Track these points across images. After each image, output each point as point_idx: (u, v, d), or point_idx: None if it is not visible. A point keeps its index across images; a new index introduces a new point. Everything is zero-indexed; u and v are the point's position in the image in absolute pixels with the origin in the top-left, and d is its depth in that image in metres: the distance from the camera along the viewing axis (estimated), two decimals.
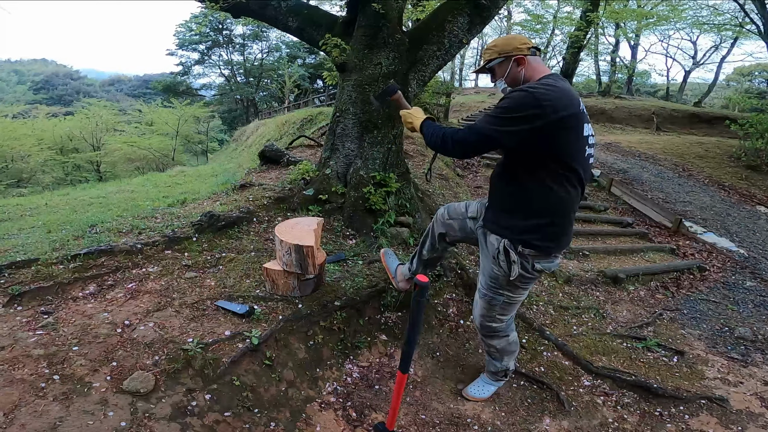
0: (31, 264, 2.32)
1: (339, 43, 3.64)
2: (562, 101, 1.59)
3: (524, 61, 1.75)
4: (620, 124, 15.57)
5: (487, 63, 1.82)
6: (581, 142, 1.66)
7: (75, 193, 7.55)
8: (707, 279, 4.62)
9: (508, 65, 1.77)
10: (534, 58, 1.77)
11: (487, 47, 1.83)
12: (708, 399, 2.41)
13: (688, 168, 9.18)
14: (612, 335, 3.05)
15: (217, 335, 2.01)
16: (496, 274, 1.86)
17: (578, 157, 1.66)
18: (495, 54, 1.79)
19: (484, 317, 2.03)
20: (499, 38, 1.82)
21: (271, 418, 1.83)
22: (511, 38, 1.79)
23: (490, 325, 2.04)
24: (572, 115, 1.61)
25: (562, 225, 1.76)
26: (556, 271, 3.85)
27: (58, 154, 16.73)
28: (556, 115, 1.57)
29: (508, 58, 1.77)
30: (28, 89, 51.44)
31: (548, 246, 1.76)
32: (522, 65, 1.75)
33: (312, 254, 2.28)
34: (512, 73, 1.78)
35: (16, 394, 1.54)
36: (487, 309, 1.99)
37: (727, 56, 20.83)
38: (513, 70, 1.77)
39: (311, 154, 5.67)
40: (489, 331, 2.07)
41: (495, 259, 1.84)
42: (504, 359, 2.18)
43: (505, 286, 1.88)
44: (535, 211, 1.72)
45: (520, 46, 1.76)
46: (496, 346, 2.12)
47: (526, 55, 1.75)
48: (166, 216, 3.27)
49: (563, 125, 1.59)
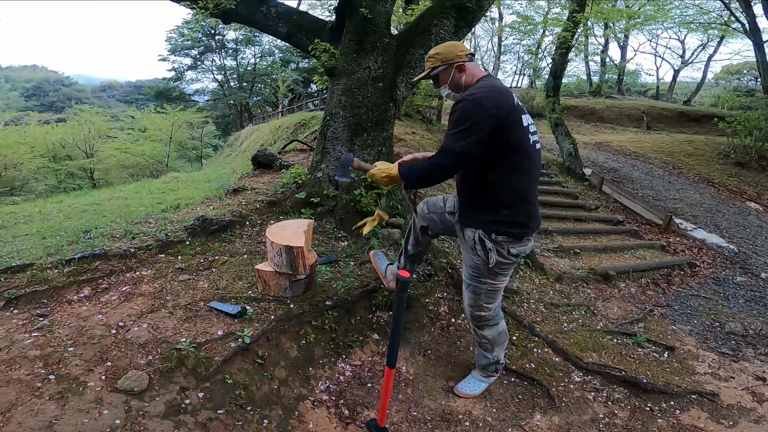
0: (26, 269, 2.34)
1: (328, 48, 3.69)
2: (500, 101, 1.74)
3: (464, 68, 1.87)
4: (611, 123, 15.74)
5: (431, 71, 1.92)
6: (524, 133, 1.80)
7: (68, 200, 7.52)
8: (697, 275, 4.69)
9: (450, 72, 1.89)
10: (471, 64, 1.89)
11: (429, 55, 1.93)
12: (699, 394, 2.44)
13: (678, 166, 9.30)
14: (602, 332, 3.09)
15: (210, 335, 2.04)
16: (477, 264, 1.97)
17: (526, 146, 1.80)
18: (438, 62, 1.89)
19: (472, 307, 2.12)
20: (440, 47, 1.92)
21: (263, 416, 1.85)
22: (452, 46, 1.91)
23: (479, 314, 2.12)
24: (511, 110, 1.75)
25: (527, 210, 1.88)
26: (546, 269, 3.90)
27: (51, 162, 16.64)
28: (501, 115, 1.71)
29: (450, 65, 1.88)
30: (19, 96, 51.05)
31: (519, 232, 1.88)
32: (463, 71, 1.87)
33: (302, 255, 2.32)
34: (455, 79, 1.89)
35: (12, 393, 1.56)
36: (473, 299, 2.08)
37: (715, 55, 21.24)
38: (455, 76, 1.89)
39: (304, 158, 5.70)
40: (479, 321, 2.14)
41: (473, 249, 1.94)
42: (495, 350, 2.23)
43: (486, 274, 1.98)
44: (500, 203, 1.85)
45: (459, 53, 1.87)
46: (487, 336, 2.18)
47: (465, 62, 1.87)
48: (159, 221, 3.29)
49: (507, 122, 1.73)
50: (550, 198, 6.50)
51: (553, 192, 6.82)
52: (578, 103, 16.93)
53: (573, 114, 15.65)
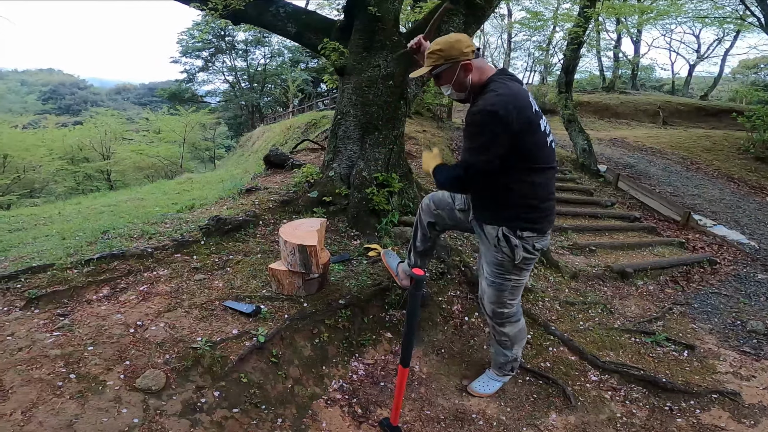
0: (47, 269, 2.39)
1: (337, 47, 3.69)
2: (519, 110, 1.64)
3: (470, 67, 1.71)
4: (625, 119, 15.46)
5: (433, 68, 1.76)
6: (543, 137, 1.76)
7: (87, 201, 7.71)
8: (718, 272, 4.57)
9: (455, 71, 1.73)
10: (478, 60, 1.74)
11: (430, 51, 1.74)
12: (720, 393, 2.38)
13: (696, 161, 9.09)
14: (620, 330, 3.04)
15: (225, 334, 2.06)
16: (501, 261, 1.93)
17: (543, 150, 1.77)
18: (441, 60, 1.73)
19: (495, 304, 2.07)
20: (441, 41, 1.73)
21: (277, 415, 1.86)
22: (456, 41, 1.71)
23: (502, 311, 2.08)
24: (530, 120, 1.68)
25: (548, 206, 1.88)
26: (561, 267, 3.85)
27: (69, 164, 17.01)
28: (521, 127, 1.64)
29: (455, 64, 1.72)
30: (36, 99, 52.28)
31: (542, 226, 1.88)
32: (469, 71, 1.72)
33: (315, 254, 2.33)
34: (459, 79, 1.74)
35: (34, 392, 1.59)
36: (497, 296, 2.04)
37: (731, 49, 20.73)
38: (460, 76, 1.73)
39: (315, 157, 5.72)
40: (501, 318, 2.11)
41: (497, 246, 1.90)
42: (514, 348, 2.21)
43: (511, 270, 1.95)
44: (523, 201, 1.83)
45: (465, 50, 1.69)
46: (508, 333, 2.15)
47: (471, 60, 1.71)
48: (175, 221, 3.34)
49: (527, 132, 1.68)
50: (565, 195, 6.41)
51: (568, 189, 6.73)
52: (591, 98, 16.67)
53: (586, 110, 15.41)
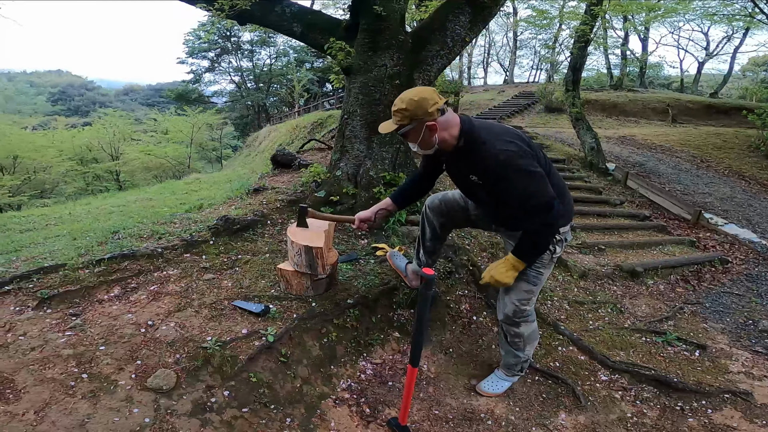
0: (59, 269, 2.41)
1: (343, 46, 3.69)
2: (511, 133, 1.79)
3: (436, 128, 1.73)
4: (634, 117, 15.31)
5: (399, 128, 1.77)
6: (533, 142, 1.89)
7: (96, 202, 7.79)
8: (730, 271, 4.52)
9: (420, 131, 1.75)
10: (444, 117, 1.75)
11: (396, 108, 1.75)
12: (732, 393, 2.36)
13: (707, 159, 8.98)
14: (630, 330, 3.01)
15: (235, 334, 2.06)
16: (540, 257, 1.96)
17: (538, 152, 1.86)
18: (406, 120, 1.73)
19: (520, 302, 2.05)
20: (407, 97, 1.72)
21: (286, 414, 1.87)
22: (421, 100, 1.70)
23: (525, 308, 2.07)
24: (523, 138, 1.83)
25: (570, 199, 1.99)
26: (570, 266, 3.82)
27: (79, 165, 17.22)
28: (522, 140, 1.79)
29: (420, 124, 1.73)
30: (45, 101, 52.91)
31: (570, 218, 1.98)
32: (434, 131, 1.73)
33: (321, 255, 2.32)
34: (425, 138, 1.76)
35: (46, 392, 1.61)
36: (527, 290, 2.03)
37: (740, 47, 20.55)
38: (425, 135, 1.75)
39: (322, 156, 5.73)
40: (521, 316, 2.08)
41: None
42: (527, 348, 2.20)
43: (547, 264, 2.01)
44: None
45: (430, 110, 1.70)
46: (522, 333, 2.14)
47: (437, 119, 1.72)
48: (184, 221, 3.36)
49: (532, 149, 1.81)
50: (573, 193, 6.29)
51: (576, 187, 6.67)
52: (599, 96, 16.52)
53: (594, 108, 15.28)
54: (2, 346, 1.81)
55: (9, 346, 1.81)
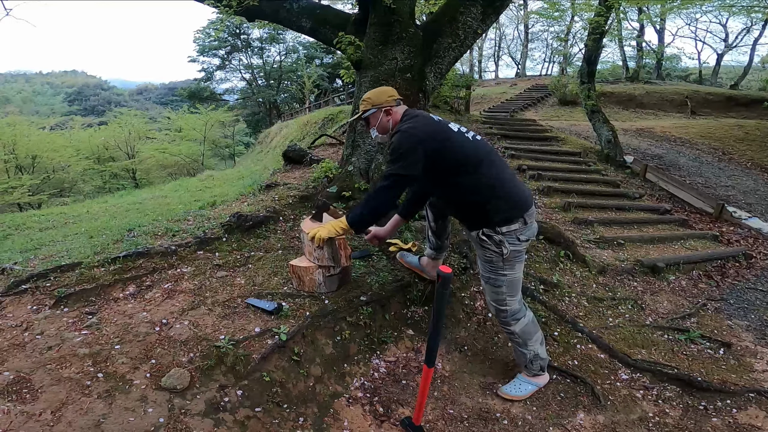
0: (75, 268, 2.44)
1: (353, 40, 3.66)
2: (426, 125, 1.98)
3: (391, 111, 2.10)
4: (651, 109, 14.98)
5: (362, 113, 2.15)
6: (459, 136, 1.99)
7: (113, 200, 7.94)
8: (754, 266, 4.37)
9: (379, 115, 2.12)
10: (397, 108, 2.12)
11: (362, 99, 2.16)
12: (757, 392, 2.29)
13: (728, 151, 8.71)
14: (651, 327, 2.94)
15: (248, 332, 2.06)
16: (490, 258, 2.02)
17: (468, 146, 1.98)
18: (369, 105, 2.12)
19: (495, 303, 2.11)
20: (371, 92, 2.15)
21: (299, 414, 1.86)
22: (381, 92, 2.13)
23: (504, 309, 2.10)
24: (436, 128, 1.98)
25: (511, 195, 1.98)
26: (588, 261, 3.73)
27: (96, 164, 17.60)
28: (429, 136, 1.93)
29: (379, 110, 2.11)
30: (62, 101, 54.15)
31: (517, 214, 1.96)
32: (390, 115, 2.11)
33: (344, 246, 2.35)
34: (382, 122, 2.12)
35: (63, 392, 1.62)
36: (495, 292, 2.08)
37: (760, 38, 19.97)
38: (383, 119, 2.12)
39: (333, 152, 5.72)
40: (504, 316, 2.11)
41: (482, 247, 2.02)
42: (528, 344, 2.15)
43: (503, 266, 2.02)
44: (484, 199, 1.96)
45: (388, 99, 2.10)
46: (515, 331, 2.12)
47: (393, 106, 2.11)
48: (197, 218, 3.38)
49: (437, 139, 1.94)
50: (589, 187, 6.22)
51: (592, 180, 6.53)
52: (615, 89, 16.19)
53: (610, 101, 14.97)
54: (20, 346, 1.83)
55: (26, 345, 1.84)
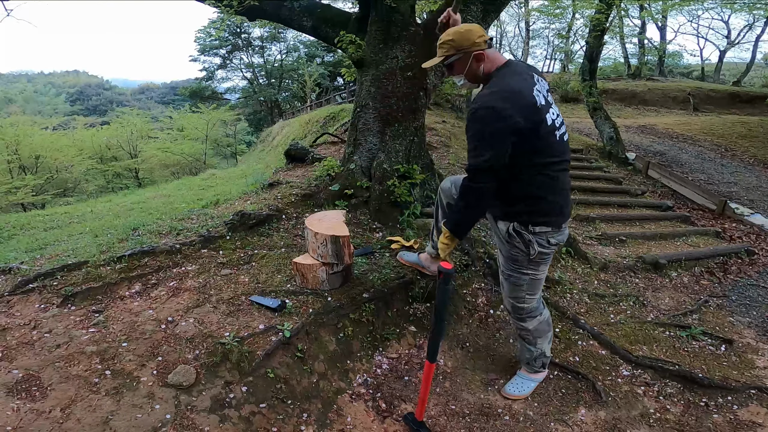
0: (81, 266, 2.46)
1: (354, 39, 3.67)
2: (520, 104, 1.62)
3: (483, 57, 1.70)
4: (654, 106, 14.93)
5: (444, 58, 1.75)
6: (549, 130, 1.70)
7: (117, 199, 7.97)
8: (756, 263, 4.35)
9: (467, 61, 1.72)
10: (491, 51, 1.73)
11: (442, 41, 1.73)
12: (758, 389, 2.29)
13: (731, 148, 8.67)
14: (653, 324, 2.93)
15: (252, 329, 2.08)
16: (515, 255, 1.90)
17: (551, 142, 1.72)
18: (452, 50, 1.72)
19: (513, 299, 2.04)
20: (452, 31, 1.72)
21: (303, 410, 1.88)
22: (468, 32, 1.69)
23: (521, 306, 2.04)
24: (532, 113, 1.64)
25: (560, 201, 1.82)
26: (590, 258, 3.74)
27: (99, 163, 17.63)
28: (521, 121, 1.61)
29: (467, 54, 1.71)
30: (64, 101, 54.32)
31: (555, 220, 1.83)
32: (481, 61, 1.71)
33: (348, 243, 2.37)
34: (472, 69, 1.74)
35: (72, 389, 1.64)
36: (514, 290, 2.00)
37: (763, 35, 19.84)
38: (473, 66, 1.72)
39: (335, 150, 5.73)
40: (521, 313, 2.06)
41: (509, 242, 1.88)
42: (538, 342, 2.14)
43: (527, 265, 1.91)
44: (534, 196, 1.79)
45: (477, 40, 1.69)
46: (529, 328, 2.09)
47: (484, 50, 1.70)
48: (201, 217, 3.40)
49: (529, 127, 1.63)
50: (591, 184, 6.22)
51: (594, 177, 6.52)
52: (617, 86, 16.14)
53: (612, 98, 14.93)
54: (28, 344, 1.86)
55: (35, 344, 1.86)
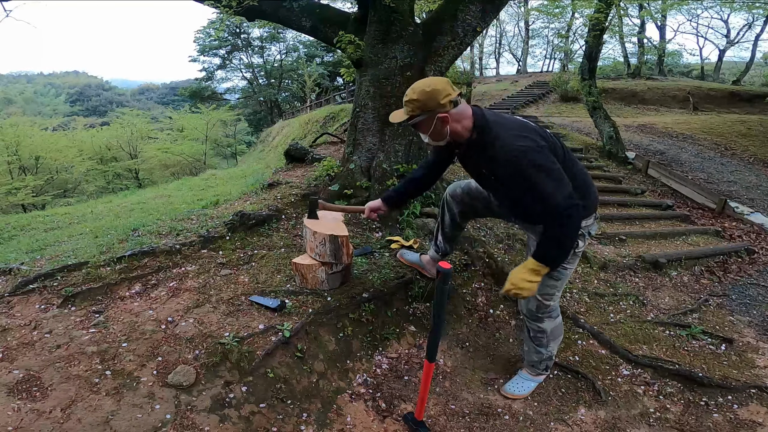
0: (82, 267, 2.47)
1: (353, 39, 3.67)
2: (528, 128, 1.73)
3: (448, 120, 1.67)
4: (653, 105, 14.92)
5: (410, 119, 1.74)
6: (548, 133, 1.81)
7: (117, 200, 7.96)
8: (756, 262, 4.35)
9: (432, 122, 1.69)
10: (457, 109, 1.68)
11: (408, 98, 1.71)
12: (758, 388, 2.29)
13: (731, 147, 8.66)
14: (653, 323, 2.93)
15: (252, 329, 2.08)
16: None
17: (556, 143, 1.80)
18: (417, 110, 1.69)
19: (543, 296, 2.00)
20: (419, 88, 1.68)
21: (303, 409, 1.88)
22: (434, 91, 1.64)
23: (548, 303, 2.03)
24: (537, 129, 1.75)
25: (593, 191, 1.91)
26: (590, 257, 3.74)
27: (99, 164, 17.64)
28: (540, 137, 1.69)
29: (431, 116, 1.68)
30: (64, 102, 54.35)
31: (593, 211, 1.90)
32: (446, 123, 1.68)
33: (347, 243, 2.37)
34: (437, 130, 1.71)
35: (72, 389, 1.65)
36: (549, 285, 1.97)
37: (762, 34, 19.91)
38: (437, 127, 1.69)
39: (335, 150, 5.73)
40: (544, 311, 2.05)
41: None
42: (551, 344, 2.15)
43: (570, 259, 1.92)
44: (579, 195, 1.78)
45: (443, 101, 1.64)
46: (546, 329, 2.10)
47: (449, 111, 1.66)
48: (200, 217, 3.40)
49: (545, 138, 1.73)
50: None
51: (594, 176, 6.50)
52: (616, 85, 16.13)
53: (612, 97, 14.92)
54: (29, 344, 1.86)
55: (35, 344, 1.87)
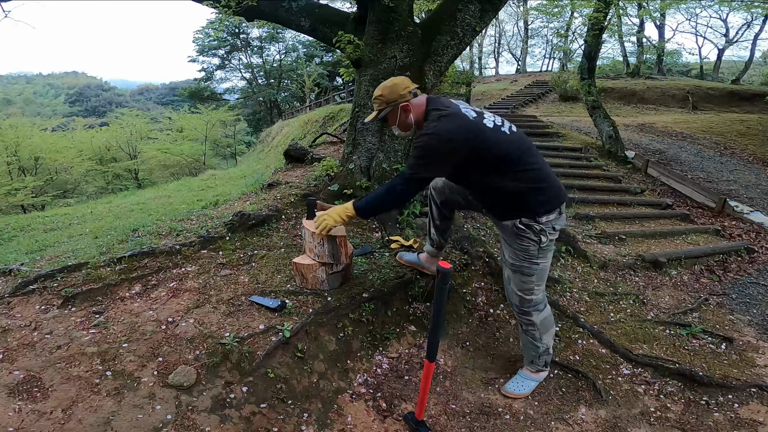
0: (82, 268, 2.47)
1: (352, 39, 3.67)
2: (458, 128, 1.81)
3: (409, 107, 1.94)
4: (653, 104, 14.92)
5: (378, 114, 2.00)
6: (496, 134, 1.86)
7: (117, 200, 7.96)
8: (756, 261, 4.35)
9: (396, 113, 1.97)
10: (416, 99, 1.95)
11: (374, 97, 2.00)
12: (759, 387, 2.29)
13: (730, 146, 8.66)
14: (653, 322, 2.93)
15: (252, 329, 2.08)
16: (526, 247, 1.98)
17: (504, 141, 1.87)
18: (383, 104, 1.97)
19: (522, 292, 2.07)
20: (382, 85, 1.98)
21: (303, 409, 1.88)
22: (394, 86, 1.94)
23: (530, 298, 2.08)
24: (471, 128, 1.83)
25: (551, 185, 1.94)
26: (590, 257, 3.74)
27: (98, 165, 17.62)
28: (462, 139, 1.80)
29: (395, 107, 1.95)
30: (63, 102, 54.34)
31: (556, 206, 1.94)
32: (408, 111, 1.95)
33: (345, 244, 2.37)
34: (402, 119, 1.98)
35: (73, 390, 1.65)
36: (525, 281, 2.05)
37: (761, 33, 19.93)
38: (401, 117, 1.97)
39: (334, 150, 5.73)
40: (528, 306, 2.10)
41: (520, 236, 1.96)
42: (544, 338, 2.16)
43: (537, 255, 1.99)
44: (526, 190, 1.90)
45: (402, 92, 1.93)
46: (535, 322, 2.12)
47: (409, 101, 1.94)
48: (200, 218, 3.40)
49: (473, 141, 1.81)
50: (591, 182, 6.21)
51: (594, 176, 6.52)
52: (616, 84, 16.12)
53: (611, 96, 14.91)
54: (29, 345, 1.86)
55: (36, 345, 1.87)
